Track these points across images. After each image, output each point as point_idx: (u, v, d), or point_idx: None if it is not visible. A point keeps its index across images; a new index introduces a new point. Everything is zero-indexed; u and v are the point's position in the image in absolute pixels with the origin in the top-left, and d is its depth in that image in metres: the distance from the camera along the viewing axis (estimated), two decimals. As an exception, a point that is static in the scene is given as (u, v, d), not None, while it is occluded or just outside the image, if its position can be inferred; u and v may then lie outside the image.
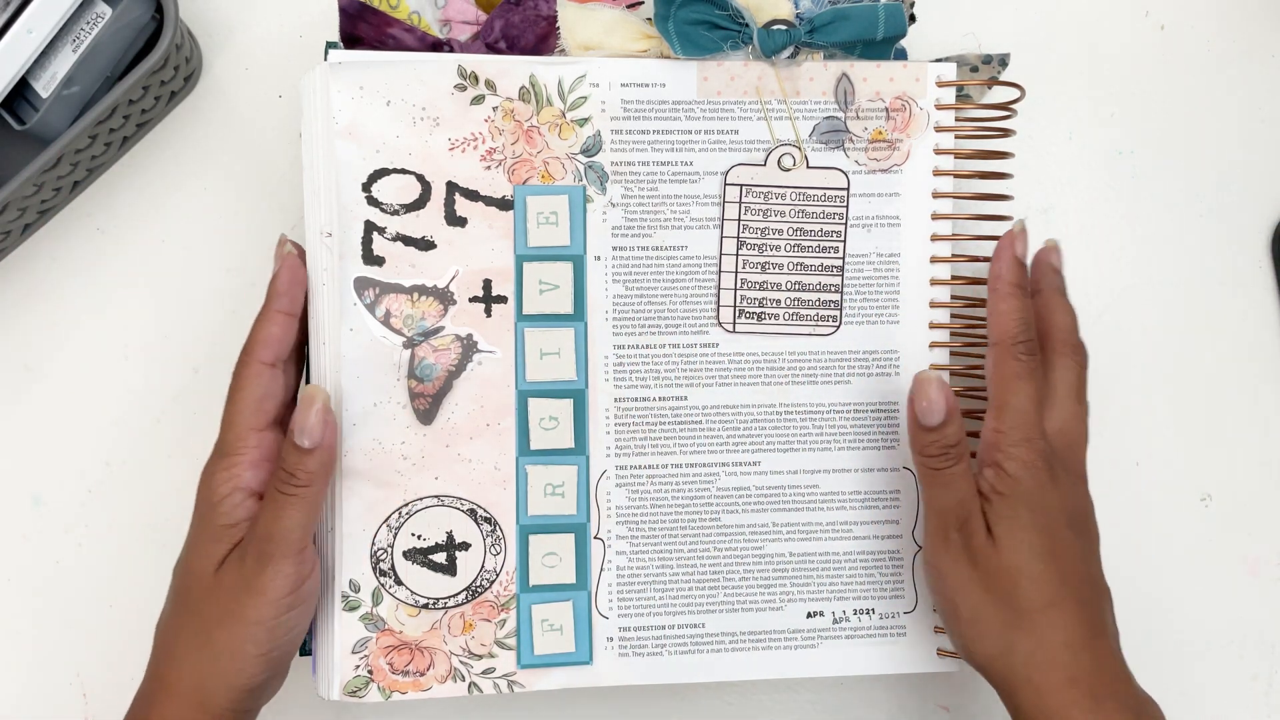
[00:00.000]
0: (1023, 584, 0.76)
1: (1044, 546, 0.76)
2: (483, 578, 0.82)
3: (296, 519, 0.75)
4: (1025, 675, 0.76)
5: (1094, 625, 0.77)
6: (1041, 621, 0.76)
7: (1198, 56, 0.95)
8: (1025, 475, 0.77)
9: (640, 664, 0.83)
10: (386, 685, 0.81)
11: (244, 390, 0.77)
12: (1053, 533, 0.77)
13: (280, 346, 0.78)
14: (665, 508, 0.83)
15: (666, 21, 0.80)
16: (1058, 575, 0.76)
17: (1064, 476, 0.78)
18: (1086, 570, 0.78)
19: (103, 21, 0.83)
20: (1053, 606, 0.76)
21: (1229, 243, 0.95)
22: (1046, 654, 0.76)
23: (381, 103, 0.79)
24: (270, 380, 0.78)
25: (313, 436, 0.75)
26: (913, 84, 0.83)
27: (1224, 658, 0.94)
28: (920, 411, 0.78)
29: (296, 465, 0.75)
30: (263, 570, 0.74)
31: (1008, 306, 0.79)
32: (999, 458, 0.77)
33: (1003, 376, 0.78)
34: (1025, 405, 0.77)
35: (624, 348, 0.82)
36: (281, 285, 0.78)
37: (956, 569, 0.79)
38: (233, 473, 0.76)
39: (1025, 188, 0.92)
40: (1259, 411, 0.95)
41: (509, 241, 0.81)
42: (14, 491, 0.90)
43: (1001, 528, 0.77)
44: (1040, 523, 0.77)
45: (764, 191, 0.82)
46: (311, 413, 0.75)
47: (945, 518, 0.79)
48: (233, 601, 0.75)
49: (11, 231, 0.86)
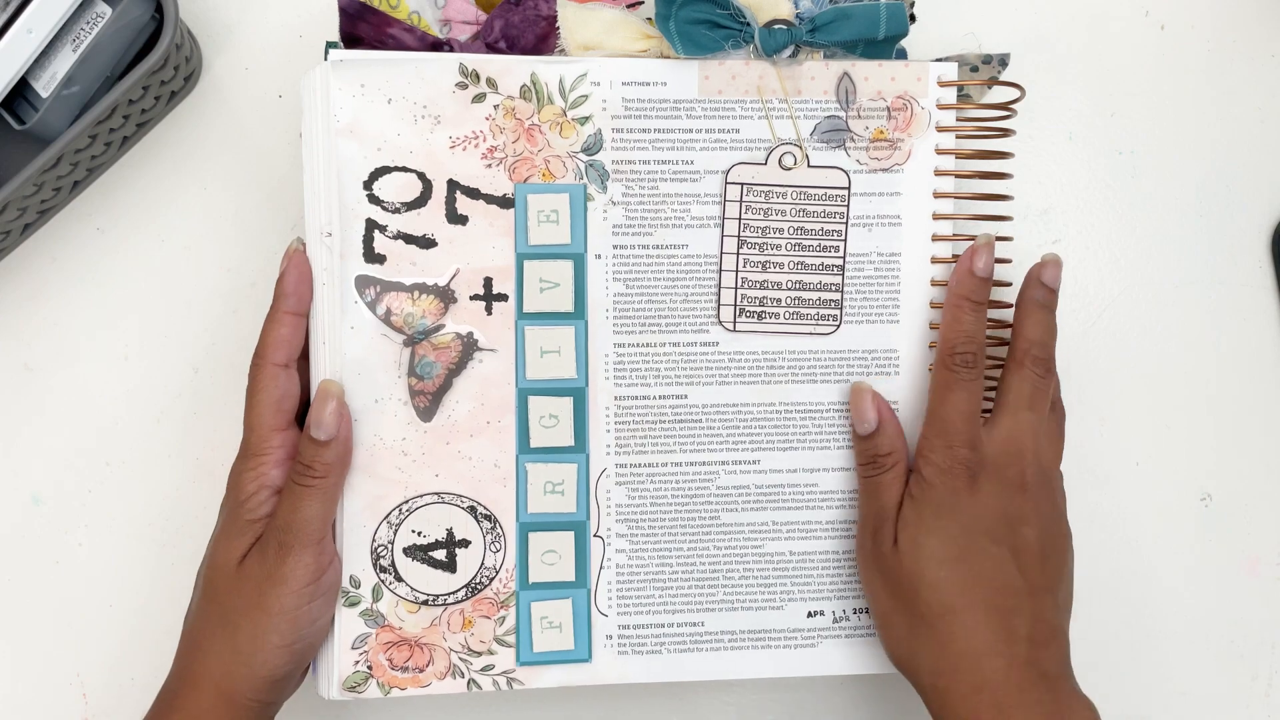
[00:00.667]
0: (922, 590, 0.78)
1: (946, 553, 0.78)
2: (482, 575, 0.82)
3: (315, 509, 0.76)
4: (930, 681, 0.78)
5: (1004, 632, 0.77)
6: (941, 628, 0.77)
7: (1198, 56, 0.95)
8: (938, 481, 0.79)
9: (639, 662, 0.83)
10: (386, 681, 0.81)
11: (262, 392, 0.78)
12: (960, 540, 0.78)
13: (291, 347, 0.79)
14: (665, 506, 0.83)
15: (668, 21, 0.80)
16: (960, 582, 0.78)
17: (990, 486, 0.79)
18: (1002, 577, 0.78)
19: (103, 21, 0.83)
20: (952, 613, 0.77)
21: (1229, 243, 0.94)
22: (948, 661, 0.77)
23: (383, 101, 0.79)
24: (286, 380, 0.78)
25: (328, 429, 0.77)
26: (914, 83, 0.83)
27: (1224, 658, 0.94)
28: (854, 419, 0.83)
29: (314, 458, 0.77)
30: (284, 560, 0.76)
31: (952, 317, 0.81)
32: (919, 463, 0.80)
33: (935, 385, 0.81)
34: (950, 413, 0.79)
35: (624, 346, 0.82)
36: (288, 285, 0.79)
37: (869, 574, 0.82)
38: (259, 472, 0.78)
39: (1025, 188, 0.92)
40: (1259, 411, 0.95)
41: (510, 240, 0.81)
42: (14, 491, 0.90)
43: (905, 533, 0.79)
44: (947, 529, 0.78)
45: (765, 190, 0.82)
46: (327, 407, 0.77)
47: (865, 523, 0.82)
48: (255, 592, 0.76)
49: (11, 231, 0.86)
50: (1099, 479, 0.93)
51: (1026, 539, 0.79)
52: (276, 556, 0.76)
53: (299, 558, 0.76)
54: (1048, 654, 0.77)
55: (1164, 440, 0.94)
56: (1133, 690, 0.94)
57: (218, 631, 0.77)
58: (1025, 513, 0.79)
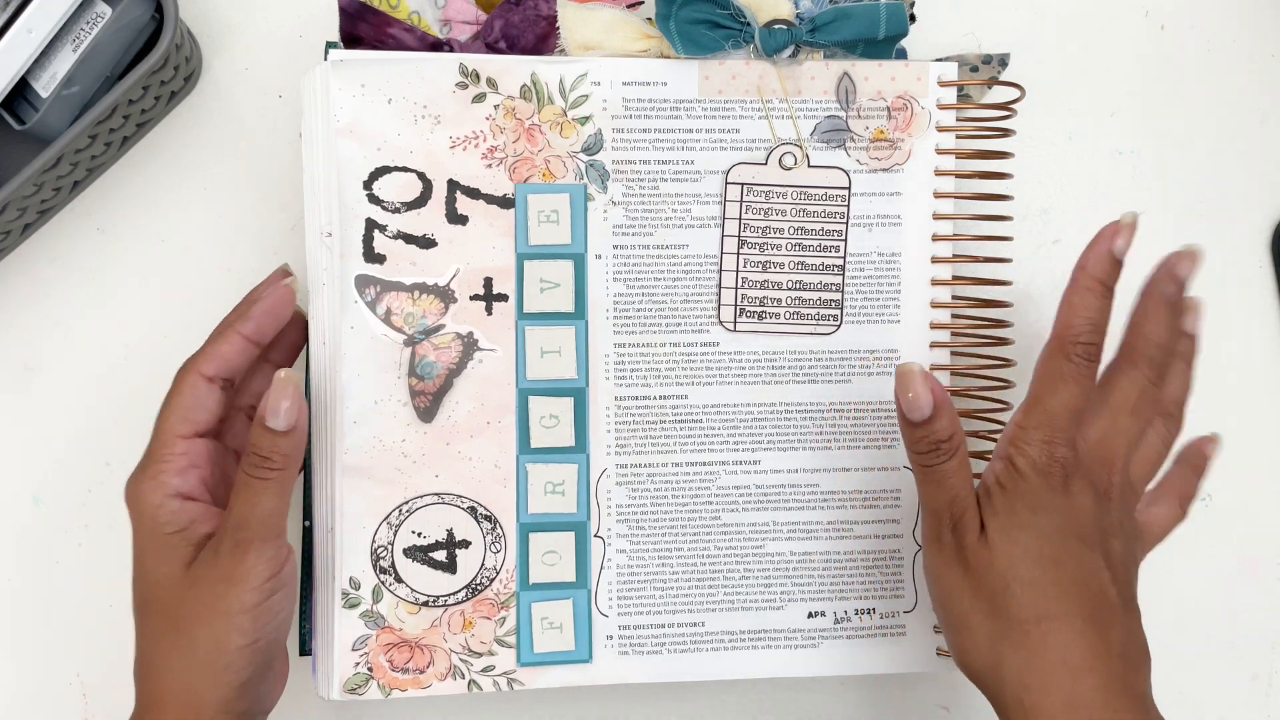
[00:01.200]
0: (1015, 590, 0.71)
1: (1042, 551, 0.71)
2: (483, 575, 0.82)
3: (272, 503, 0.73)
4: (1016, 695, 0.71)
5: (1100, 646, 0.70)
6: (1035, 635, 0.70)
7: (1198, 56, 0.95)
8: (1033, 474, 0.72)
9: (640, 662, 0.83)
10: (386, 682, 0.81)
11: (175, 396, 0.76)
12: (1056, 540, 0.71)
13: (225, 365, 0.77)
14: (665, 506, 0.83)
15: (668, 21, 0.80)
16: (1057, 585, 0.71)
17: (1082, 490, 0.72)
18: (1098, 585, 0.72)
19: (103, 21, 0.83)
20: (1049, 619, 0.70)
21: (1229, 243, 0.94)
22: (1040, 674, 0.70)
23: (383, 101, 0.79)
24: (206, 393, 0.76)
25: (287, 419, 0.73)
26: (914, 83, 0.83)
27: (1224, 658, 0.94)
28: (906, 406, 0.73)
29: (271, 448, 0.73)
30: (243, 557, 0.73)
31: (1079, 300, 0.74)
32: (1011, 451, 0.73)
33: (1046, 373, 0.74)
34: (1057, 407, 0.72)
35: (625, 346, 0.82)
36: (254, 311, 0.77)
37: (948, 571, 0.74)
38: (159, 480, 0.75)
39: (1025, 188, 0.92)
40: (1259, 412, 0.95)
41: (510, 240, 0.81)
42: (14, 491, 0.90)
43: (995, 524, 0.72)
44: (1041, 526, 0.71)
45: (765, 190, 0.82)
46: (285, 396, 0.73)
47: (939, 517, 0.74)
48: (211, 595, 0.73)
49: (11, 231, 0.86)
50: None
51: (1115, 550, 0.73)
52: (232, 556, 0.73)
53: (259, 553, 0.73)
54: (1139, 675, 0.72)
55: (1164, 440, 0.94)
56: (1133, 690, 0.94)
57: (172, 648, 0.74)
58: (1112, 524, 0.74)
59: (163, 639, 0.74)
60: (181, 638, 0.73)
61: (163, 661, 0.74)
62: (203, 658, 0.73)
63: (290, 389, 0.73)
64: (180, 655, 0.73)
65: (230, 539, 0.73)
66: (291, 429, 0.73)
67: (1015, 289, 0.86)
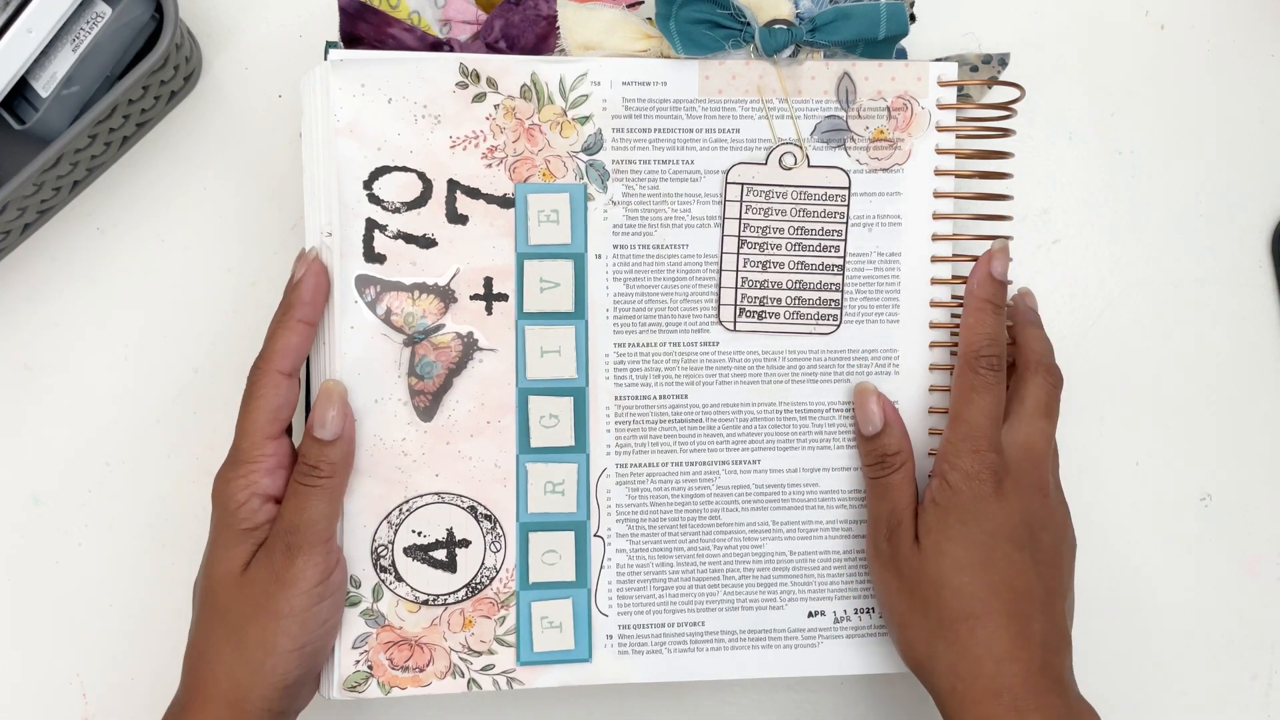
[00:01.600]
0: (944, 595, 0.78)
1: (970, 559, 0.78)
2: (483, 575, 0.82)
3: (322, 509, 0.76)
4: (949, 685, 0.78)
5: (1021, 637, 0.77)
6: (963, 632, 0.77)
7: (1198, 56, 0.95)
8: (965, 486, 0.78)
9: (640, 662, 0.83)
10: (386, 681, 0.81)
11: (262, 399, 0.77)
12: (985, 545, 0.78)
13: (298, 356, 0.78)
14: (665, 506, 0.83)
15: (668, 21, 0.80)
16: (984, 588, 0.77)
17: (1015, 491, 0.79)
18: (1024, 582, 0.78)
19: (103, 21, 0.83)
20: (974, 618, 0.77)
21: (1229, 243, 0.94)
22: (968, 665, 0.77)
23: (383, 100, 0.79)
24: (288, 390, 0.78)
25: (333, 429, 0.77)
26: (914, 83, 0.83)
27: (1224, 658, 0.94)
28: (859, 419, 0.83)
29: (319, 458, 0.76)
30: (292, 562, 0.75)
31: (975, 320, 0.81)
32: (945, 468, 0.79)
33: (961, 389, 0.81)
34: (977, 418, 0.79)
35: (624, 346, 0.82)
36: (305, 293, 0.78)
37: (885, 575, 0.81)
38: (250, 479, 0.77)
39: (1025, 188, 0.92)
40: (1259, 411, 0.95)
41: (510, 239, 0.81)
42: (14, 491, 0.90)
43: (929, 538, 0.79)
44: (971, 535, 0.78)
45: (765, 190, 0.82)
46: (330, 407, 0.77)
47: (878, 525, 0.82)
48: (263, 597, 0.75)
49: (11, 231, 0.86)
50: (1099, 479, 0.93)
51: (1044, 544, 0.79)
52: (284, 559, 0.75)
53: (308, 558, 0.75)
54: (1060, 659, 0.78)
55: (1164, 440, 0.94)
56: (1133, 690, 0.94)
57: (224, 643, 0.76)
58: (1043, 518, 0.80)
59: (215, 634, 0.77)
60: (233, 635, 0.76)
61: (214, 654, 0.76)
62: (251, 656, 0.75)
63: (336, 399, 0.77)
64: (230, 651, 0.76)
65: (281, 543, 0.76)
66: (338, 438, 0.77)
67: (1015, 289, 0.86)
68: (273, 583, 0.75)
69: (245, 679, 0.75)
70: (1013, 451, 0.80)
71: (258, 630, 0.75)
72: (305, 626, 0.76)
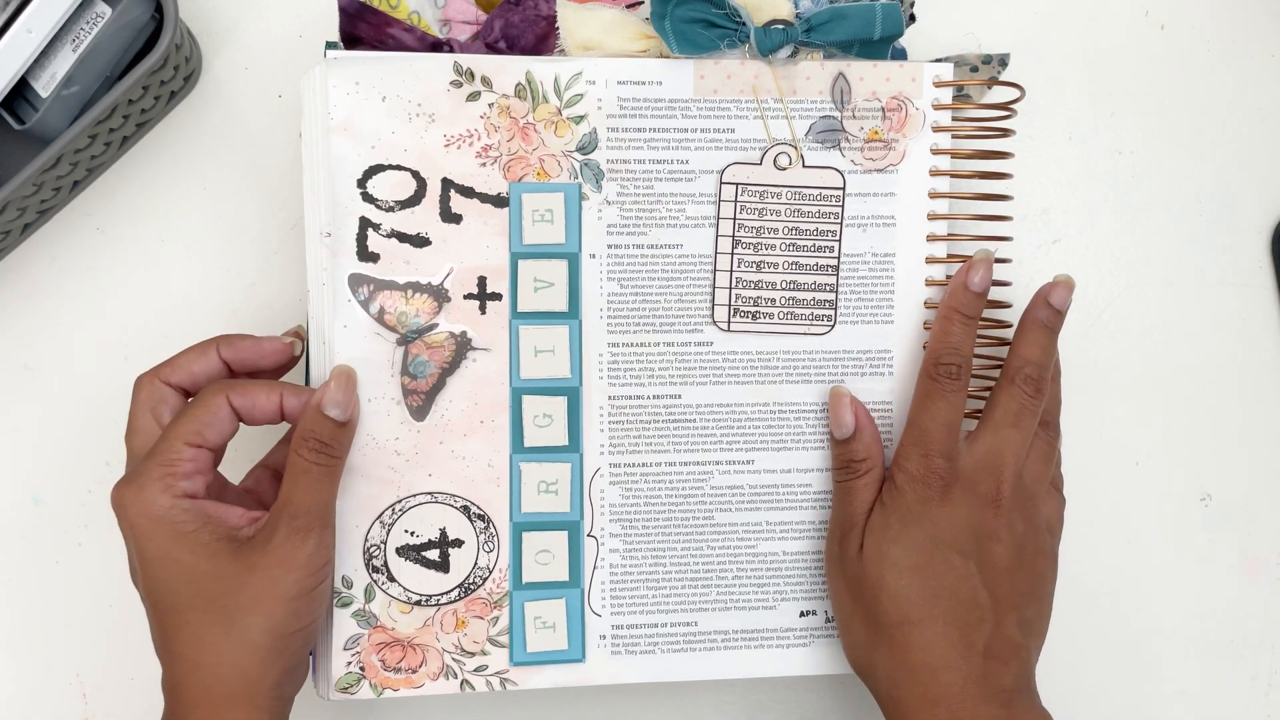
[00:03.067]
0: (882, 598, 0.78)
1: (909, 562, 0.78)
2: (475, 575, 0.82)
3: (331, 490, 0.77)
4: (887, 690, 0.79)
5: (961, 646, 0.77)
6: (898, 637, 0.78)
7: (1198, 56, 0.94)
8: (910, 490, 0.79)
9: (633, 662, 0.83)
10: (378, 682, 0.81)
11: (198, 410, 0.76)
12: (925, 549, 0.78)
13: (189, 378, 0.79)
14: (659, 506, 0.83)
15: (663, 20, 0.80)
16: (922, 593, 0.78)
17: (962, 499, 0.79)
18: (967, 589, 0.78)
19: (102, 21, 0.84)
20: (910, 624, 0.77)
21: (1229, 243, 0.94)
22: (904, 672, 0.77)
23: (377, 98, 0.79)
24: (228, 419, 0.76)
25: (346, 410, 0.77)
26: (909, 84, 0.83)
27: (1224, 658, 0.94)
28: (832, 423, 0.83)
29: (332, 437, 0.76)
30: (303, 544, 0.74)
31: (941, 328, 0.81)
32: (893, 471, 0.80)
33: (919, 394, 0.81)
34: (929, 424, 0.79)
35: (619, 345, 0.82)
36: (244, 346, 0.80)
37: (834, 580, 0.82)
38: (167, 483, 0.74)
39: (1025, 188, 0.92)
40: (1259, 411, 0.95)
41: (504, 239, 0.81)
42: (14, 491, 0.90)
43: (871, 539, 0.79)
44: (912, 537, 0.78)
45: (760, 190, 0.82)
46: (345, 388, 0.77)
47: (834, 528, 0.83)
48: (268, 582, 0.74)
49: (11, 231, 0.87)
50: (1099, 479, 0.93)
51: (994, 555, 0.79)
52: (290, 541, 0.74)
53: (320, 539, 0.75)
54: (1006, 670, 0.78)
55: (1164, 440, 0.94)
56: (1133, 690, 0.93)
57: (224, 639, 0.74)
58: (996, 529, 0.79)
59: (212, 631, 0.74)
60: (235, 627, 0.74)
61: (214, 655, 0.74)
62: (257, 644, 0.74)
63: (347, 381, 0.78)
64: (234, 645, 0.74)
65: (286, 526, 0.75)
66: (349, 421, 0.77)
67: (1015, 289, 0.86)
68: (278, 566, 0.74)
69: (253, 669, 0.74)
70: (970, 460, 0.79)
71: (263, 617, 0.74)
72: (311, 605, 0.76)
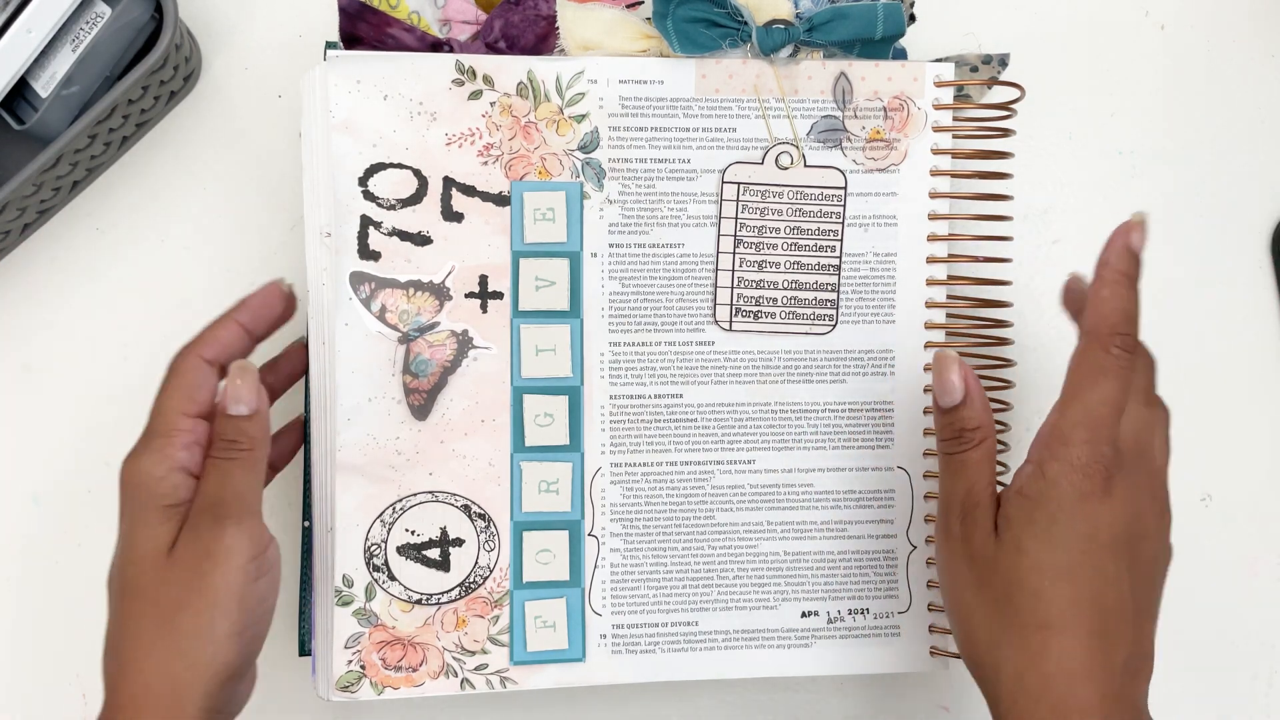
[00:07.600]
0: (1018, 597, 0.69)
1: (1055, 563, 0.68)
2: (476, 574, 0.81)
3: (245, 479, 0.72)
4: (1011, 698, 0.69)
5: (1101, 658, 0.67)
6: (1034, 642, 0.68)
7: (1198, 56, 0.95)
8: (1065, 480, 0.68)
9: (634, 661, 0.83)
10: (379, 681, 0.81)
11: (178, 378, 0.74)
12: (1077, 551, 0.68)
13: (222, 349, 0.75)
14: (660, 505, 0.83)
15: (665, 19, 0.80)
16: (1067, 599, 0.68)
17: (1124, 492, 0.69)
18: (1115, 597, 0.69)
19: (102, 21, 0.84)
20: (1049, 629, 0.68)
21: (1229, 243, 0.94)
22: (1035, 679, 0.68)
23: (379, 97, 0.79)
24: (207, 375, 0.74)
25: (249, 404, 0.72)
26: (910, 84, 0.83)
27: (1224, 658, 0.94)
28: (937, 390, 0.73)
29: (237, 432, 0.72)
30: (222, 534, 0.71)
31: (1110, 293, 0.71)
32: (1044, 455, 0.69)
33: (1085, 368, 0.70)
34: (1098, 403, 0.69)
35: (620, 345, 0.82)
36: (251, 301, 0.77)
37: (953, 563, 0.73)
38: (166, 453, 0.72)
39: (1025, 188, 0.92)
40: (1259, 411, 0.95)
41: (505, 237, 0.81)
42: (14, 491, 0.90)
43: (1009, 531, 0.70)
44: (1063, 538, 0.68)
45: (761, 190, 0.82)
46: (244, 382, 0.73)
47: (951, 507, 0.73)
48: (193, 575, 0.70)
49: (11, 231, 0.87)
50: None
51: (1145, 555, 0.71)
52: (212, 532, 0.71)
53: (238, 529, 0.71)
54: (1139, 687, 0.70)
55: (1164, 440, 0.94)
56: (1133, 692, 0.93)
57: (154, 639, 0.70)
58: (1147, 526, 0.71)
59: (143, 625, 0.71)
60: (165, 623, 0.70)
61: (143, 651, 0.71)
62: (187, 647, 0.70)
63: (246, 376, 0.73)
64: (163, 644, 0.70)
65: (208, 516, 0.71)
66: (255, 412, 0.73)
67: (1015, 289, 0.86)
68: (204, 559, 0.70)
69: (182, 673, 0.70)
70: (1125, 446, 0.70)
71: (192, 616, 0.70)
72: (243, 606, 0.71)
